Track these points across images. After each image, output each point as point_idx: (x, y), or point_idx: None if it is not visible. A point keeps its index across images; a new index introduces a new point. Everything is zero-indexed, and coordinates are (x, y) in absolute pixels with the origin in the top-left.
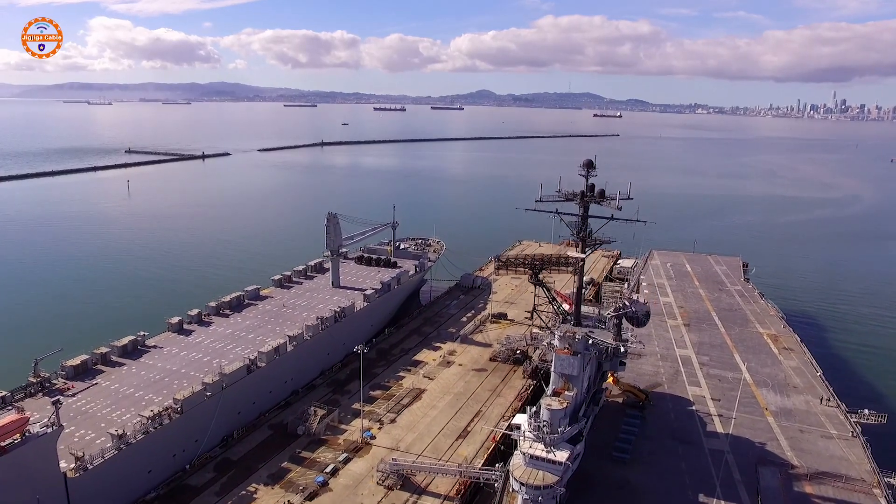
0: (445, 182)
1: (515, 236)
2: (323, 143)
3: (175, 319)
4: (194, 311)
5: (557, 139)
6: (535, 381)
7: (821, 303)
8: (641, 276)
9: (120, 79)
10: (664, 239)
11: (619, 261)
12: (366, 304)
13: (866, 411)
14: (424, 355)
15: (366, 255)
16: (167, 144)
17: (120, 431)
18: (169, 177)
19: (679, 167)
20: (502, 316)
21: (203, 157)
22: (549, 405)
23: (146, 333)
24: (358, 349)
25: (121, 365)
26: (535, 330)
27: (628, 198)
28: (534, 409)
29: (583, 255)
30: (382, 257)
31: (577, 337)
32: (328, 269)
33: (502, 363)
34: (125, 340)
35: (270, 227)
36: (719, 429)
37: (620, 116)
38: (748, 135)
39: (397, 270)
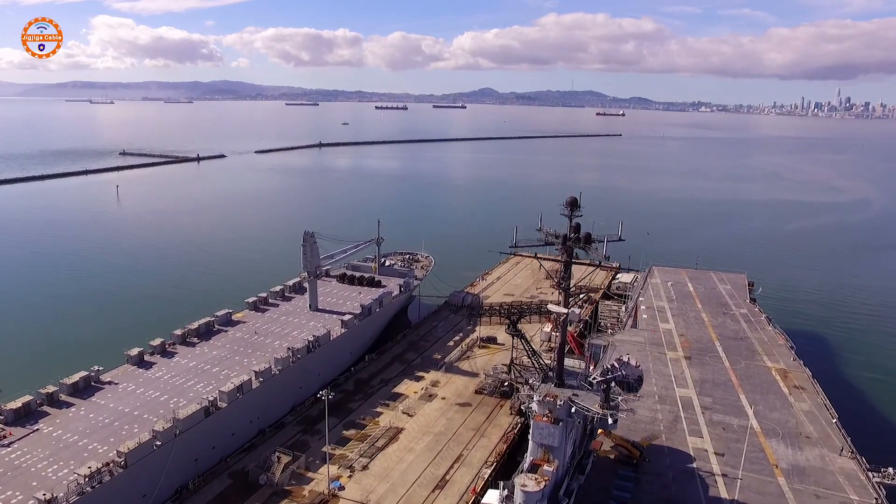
0: (442, 186)
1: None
2: (321, 145)
3: (135, 351)
4: (157, 341)
5: (559, 139)
6: (522, 419)
7: (831, 328)
8: (640, 298)
9: (122, 77)
10: (666, 251)
11: (619, 275)
12: (344, 330)
13: (890, 470)
14: (405, 387)
15: (349, 273)
16: (163, 146)
17: (48, 496)
18: (160, 181)
19: (681, 170)
20: (492, 340)
21: (198, 159)
22: (523, 486)
23: (101, 368)
24: (321, 395)
25: (69, 406)
26: (526, 360)
27: (619, 239)
28: (506, 491)
29: (565, 311)
30: (366, 275)
31: (558, 403)
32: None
33: (488, 396)
34: (77, 377)
35: (253, 239)
36: (723, 493)
37: (623, 115)
38: (752, 133)
39: (380, 291)
